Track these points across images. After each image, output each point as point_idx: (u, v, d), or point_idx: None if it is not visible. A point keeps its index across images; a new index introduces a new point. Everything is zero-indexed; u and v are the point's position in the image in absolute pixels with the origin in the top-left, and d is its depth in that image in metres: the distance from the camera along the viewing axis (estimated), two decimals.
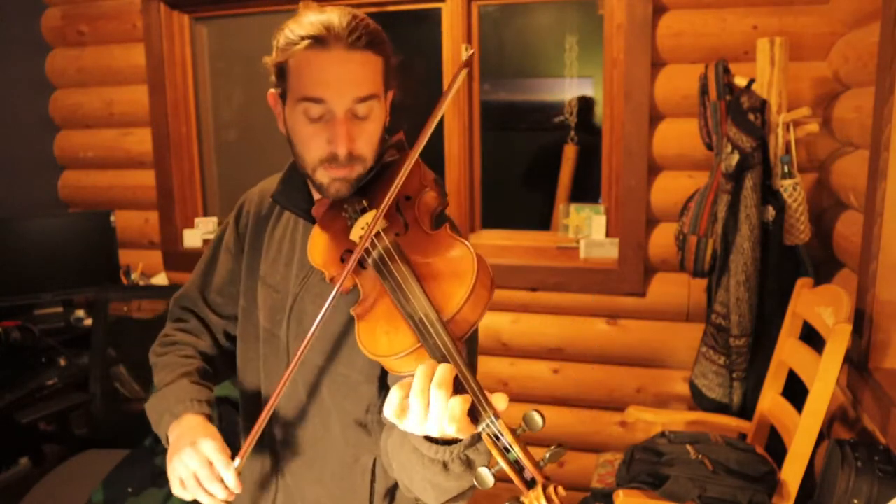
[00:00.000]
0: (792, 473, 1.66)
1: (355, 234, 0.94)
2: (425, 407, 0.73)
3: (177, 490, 0.98)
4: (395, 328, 0.81)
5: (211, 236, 2.94)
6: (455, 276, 0.80)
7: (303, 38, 0.93)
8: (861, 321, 1.68)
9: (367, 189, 1.00)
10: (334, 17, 0.93)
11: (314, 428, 1.09)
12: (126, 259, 2.97)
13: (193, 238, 2.95)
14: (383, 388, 1.04)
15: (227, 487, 0.96)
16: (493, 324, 2.61)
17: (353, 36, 0.92)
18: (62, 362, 2.46)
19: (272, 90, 1.03)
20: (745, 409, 2.02)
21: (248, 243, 1.17)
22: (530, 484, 0.71)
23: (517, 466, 0.71)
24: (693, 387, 2.14)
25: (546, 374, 2.60)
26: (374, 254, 0.87)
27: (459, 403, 0.72)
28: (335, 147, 0.95)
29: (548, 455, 0.71)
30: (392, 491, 1.10)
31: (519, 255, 2.64)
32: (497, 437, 0.72)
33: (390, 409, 0.76)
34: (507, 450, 0.72)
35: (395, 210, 0.92)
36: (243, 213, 1.20)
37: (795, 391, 1.84)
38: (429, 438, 0.81)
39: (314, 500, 1.12)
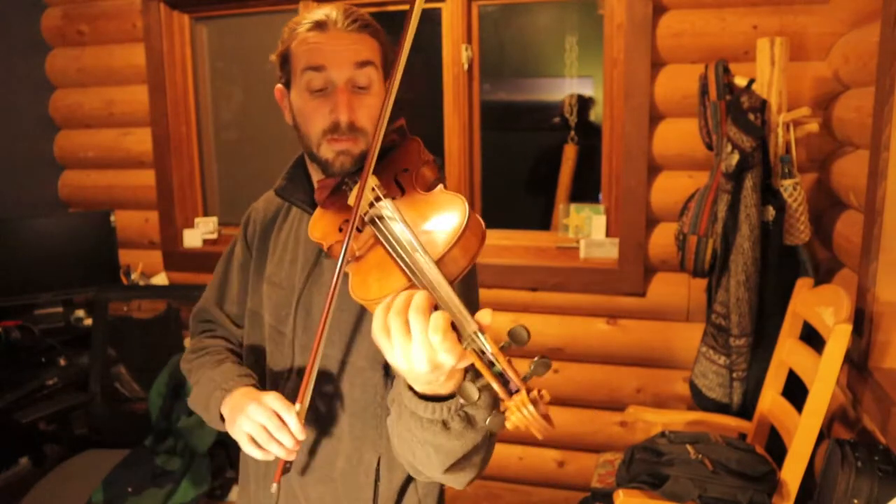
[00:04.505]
0: (792, 473, 1.66)
1: (352, 199, 0.97)
2: (405, 328, 0.73)
3: (247, 448, 1.00)
4: (386, 273, 0.82)
5: (211, 236, 2.96)
6: (446, 221, 0.83)
7: (304, 24, 1.03)
8: (861, 321, 1.68)
9: None
10: (333, 10, 1.03)
11: (321, 421, 1.10)
12: (126, 259, 2.97)
13: (193, 238, 2.95)
14: (388, 376, 1.06)
15: (293, 435, 0.97)
16: (494, 324, 2.60)
17: (350, 19, 1.02)
18: (62, 362, 2.46)
19: (278, 85, 1.10)
20: (745, 409, 2.02)
21: (256, 248, 1.21)
22: (514, 394, 0.72)
23: (502, 379, 0.72)
24: (693, 387, 2.14)
25: (546, 374, 2.59)
26: (371, 212, 0.90)
27: (441, 315, 0.72)
28: (337, 115, 1.00)
29: (532, 366, 0.72)
30: (399, 492, 1.10)
31: (519, 255, 2.64)
32: (482, 353, 0.73)
33: (377, 328, 0.76)
34: (491, 364, 0.72)
35: (392, 181, 0.95)
36: (250, 222, 1.24)
37: (795, 391, 1.85)
38: (424, 397, 0.82)
39: (317, 499, 1.11)
